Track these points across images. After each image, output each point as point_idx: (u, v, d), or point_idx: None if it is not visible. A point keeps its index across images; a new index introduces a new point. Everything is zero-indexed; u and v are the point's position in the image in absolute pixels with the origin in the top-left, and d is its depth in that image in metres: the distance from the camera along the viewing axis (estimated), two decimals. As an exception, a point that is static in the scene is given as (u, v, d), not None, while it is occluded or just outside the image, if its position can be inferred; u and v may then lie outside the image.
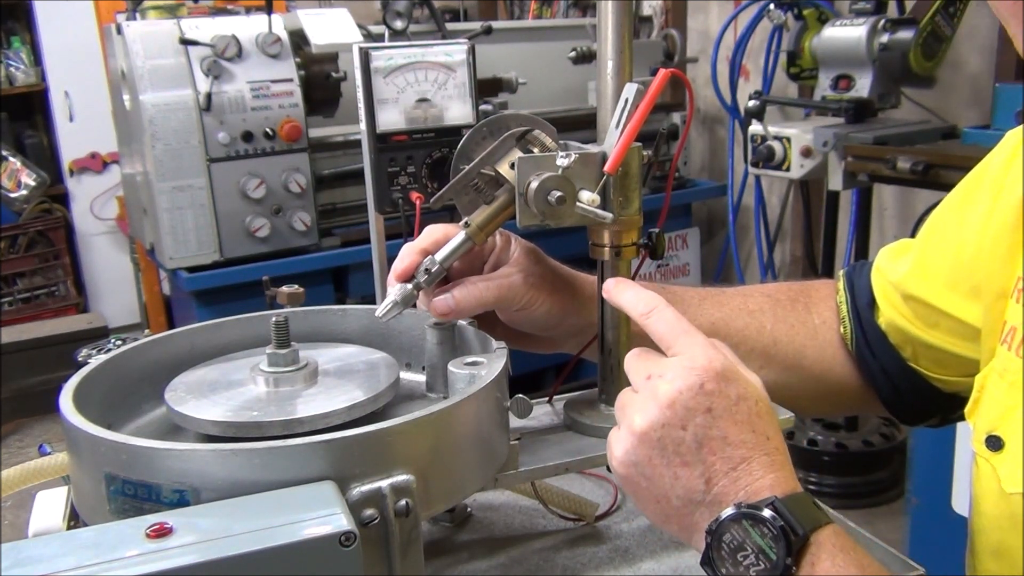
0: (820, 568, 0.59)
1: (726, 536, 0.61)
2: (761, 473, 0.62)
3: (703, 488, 0.63)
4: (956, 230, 0.84)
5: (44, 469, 0.81)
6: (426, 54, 1.70)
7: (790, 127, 2.68)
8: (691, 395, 0.62)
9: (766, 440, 0.63)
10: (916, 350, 0.88)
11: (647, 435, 0.63)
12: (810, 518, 0.60)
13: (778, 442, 0.64)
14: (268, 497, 0.59)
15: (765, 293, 0.96)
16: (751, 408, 0.64)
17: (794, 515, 0.60)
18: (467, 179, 0.80)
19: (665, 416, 0.63)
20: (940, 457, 2.05)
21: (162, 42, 2.50)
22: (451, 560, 0.86)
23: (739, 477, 0.62)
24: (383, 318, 0.81)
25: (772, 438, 0.64)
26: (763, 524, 0.60)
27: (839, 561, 0.59)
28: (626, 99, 0.75)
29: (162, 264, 2.69)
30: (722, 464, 0.62)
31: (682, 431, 0.63)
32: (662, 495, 0.64)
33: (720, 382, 0.63)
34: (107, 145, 4.19)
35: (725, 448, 0.62)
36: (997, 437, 0.70)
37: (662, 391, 0.63)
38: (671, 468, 0.63)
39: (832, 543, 0.60)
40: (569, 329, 0.89)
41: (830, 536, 0.60)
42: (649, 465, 0.64)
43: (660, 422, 0.63)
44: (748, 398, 0.64)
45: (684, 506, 0.64)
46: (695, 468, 0.63)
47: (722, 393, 0.63)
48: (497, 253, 0.87)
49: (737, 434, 0.63)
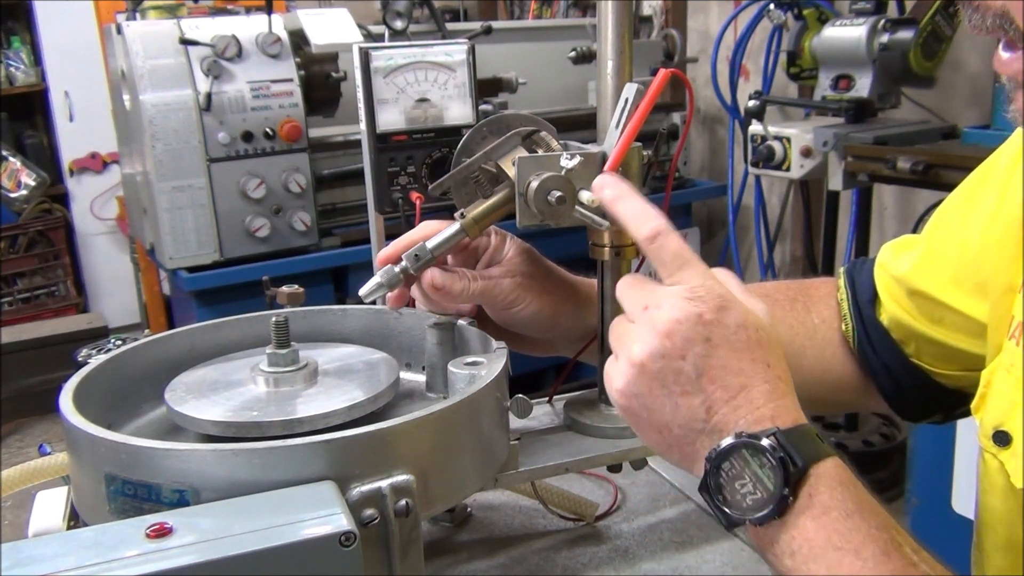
0: (817, 500, 0.59)
1: (725, 464, 0.61)
2: (762, 401, 0.62)
3: (703, 417, 0.62)
4: (962, 226, 0.84)
5: (44, 469, 0.81)
6: (426, 54, 1.69)
7: (790, 127, 2.68)
8: (689, 325, 0.62)
9: (766, 368, 0.63)
10: (919, 346, 0.88)
11: (646, 366, 0.63)
12: (811, 450, 0.60)
13: (780, 370, 0.64)
14: (268, 497, 0.59)
15: (763, 293, 0.96)
16: (750, 336, 0.63)
17: (794, 446, 0.59)
18: (468, 171, 0.80)
19: (664, 347, 0.62)
20: (940, 457, 2.05)
21: (162, 42, 2.50)
22: (451, 560, 0.86)
23: (739, 405, 0.62)
24: (367, 298, 0.81)
25: (773, 366, 0.63)
26: (762, 454, 0.59)
27: (837, 494, 0.59)
28: (626, 99, 0.75)
29: (162, 264, 2.69)
30: (722, 392, 0.62)
31: (681, 361, 0.62)
32: (663, 424, 0.64)
33: (718, 311, 0.62)
34: (107, 145, 4.19)
35: (725, 376, 0.62)
36: (1005, 432, 0.70)
37: (660, 322, 0.62)
38: (672, 398, 0.63)
39: (832, 476, 0.60)
40: (563, 332, 0.89)
41: (830, 469, 0.60)
42: (650, 395, 0.64)
43: (659, 352, 0.62)
44: (747, 326, 0.63)
45: (685, 435, 0.63)
46: (695, 397, 0.62)
47: (720, 322, 0.62)
48: (491, 252, 0.87)
49: (736, 362, 0.62)
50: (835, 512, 0.59)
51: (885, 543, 0.58)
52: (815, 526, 0.59)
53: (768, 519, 0.60)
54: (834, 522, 0.58)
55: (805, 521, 0.59)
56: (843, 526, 0.58)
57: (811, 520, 0.59)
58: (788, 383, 0.64)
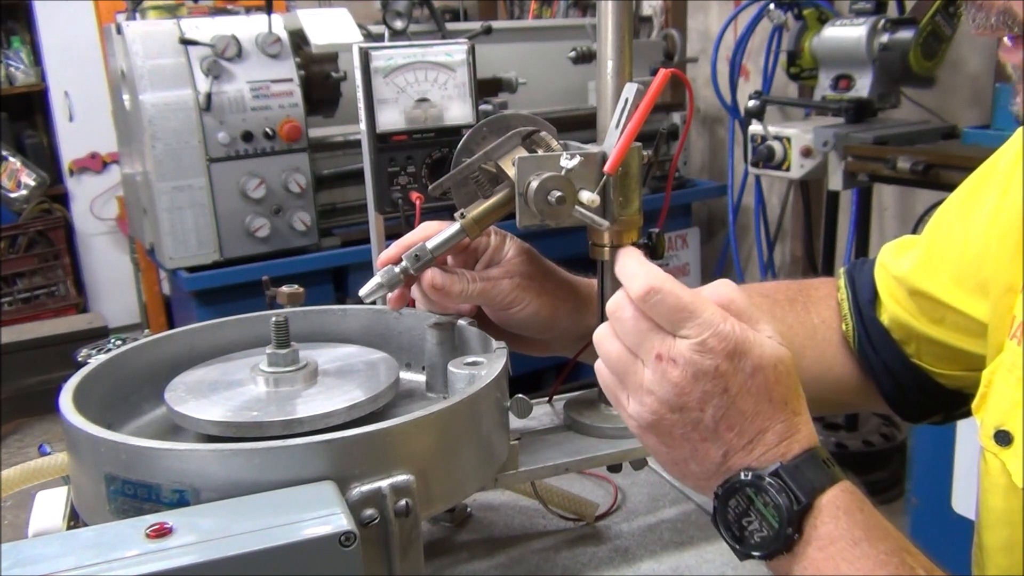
0: (824, 531, 0.59)
1: (731, 502, 0.62)
2: (775, 441, 0.62)
3: (720, 460, 0.63)
4: (963, 226, 0.84)
5: (44, 469, 0.81)
6: (426, 54, 1.69)
7: (790, 127, 2.68)
8: (707, 380, 0.62)
9: (784, 406, 0.63)
10: (919, 346, 0.88)
11: (665, 418, 0.63)
12: (817, 479, 0.60)
13: (796, 405, 0.64)
14: (268, 497, 0.59)
15: (763, 293, 0.96)
16: (767, 377, 0.63)
17: (797, 481, 0.60)
18: (468, 171, 0.80)
19: (682, 402, 0.63)
20: (940, 457, 2.05)
21: (162, 42, 2.50)
22: (451, 560, 0.86)
23: (754, 448, 0.63)
24: (367, 298, 0.81)
25: (790, 402, 0.64)
26: (765, 494, 0.60)
27: (843, 523, 0.60)
28: (626, 99, 0.75)
29: (162, 264, 2.69)
30: (739, 439, 0.63)
31: (700, 413, 0.63)
32: (681, 460, 0.65)
33: (733, 359, 0.62)
34: (107, 145, 4.18)
35: (743, 423, 0.62)
36: (1006, 432, 0.70)
37: (676, 379, 0.62)
38: (690, 443, 0.64)
39: (838, 505, 0.60)
40: (562, 333, 0.89)
41: (834, 499, 0.60)
42: (668, 437, 0.64)
43: (678, 406, 0.63)
44: (764, 367, 0.63)
45: (701, 473, 0.65)
46: (714, 444, 0.63)
47: (737, 370, 0.62)
48: (491, 253, 0.87)
49: (754, 407, 0.62)
50: (842, 542, 0.59)
51: (896, 567, 0.58)
52: (823, 556, 0.59)
53: (776, 555, 0.61)
54: (841, 551, 0.59)
55: (812, 552, 0.60)
56: (851, 554, 0.59)
57: (818, 551, 0.59)
58: (804, 416, 0.64)
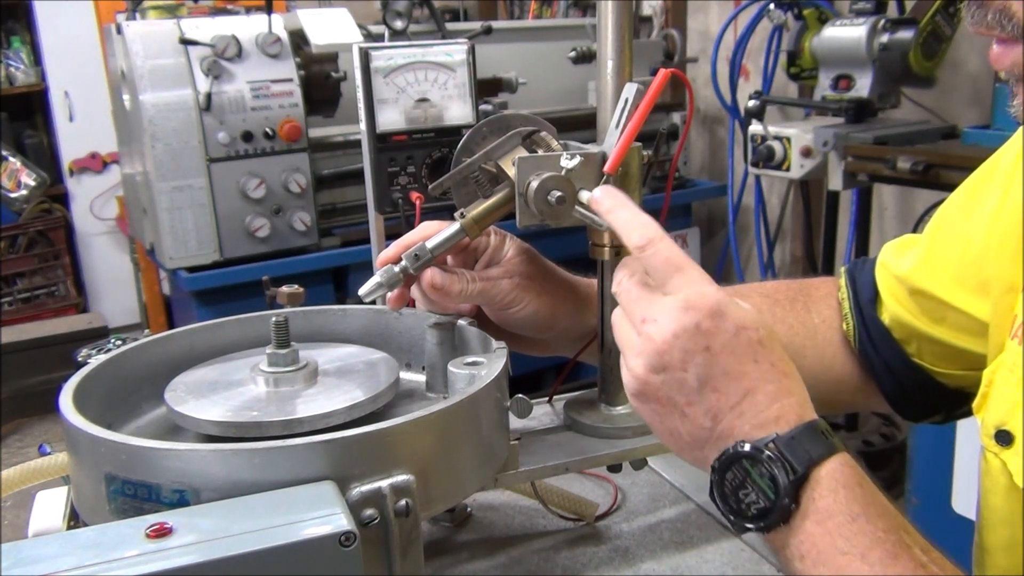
0: (821, 504, 0.59)
1: (728, 474, 0.62)
2: (766, 403, 0.62)
3: (709, 425, 0.63)
4: (964, 225, 0.84)
5: (44, 469, 0.81)
6: (426, 54, 1.69)
7: (790, 127, 2.68)
8: (687, 337, 0.62)
9: (771, 367, 0.63)
10: (920, 345, 0.88)
11: (649, 381, 0.64)
12: (815, 449, 0.60)
13: (784, 366, 0.64)
14: (268, 497, 0.59)
15: (763, 293, 0.96)
16: (751, 337, 0.63)
17: (794, 452, 0.60)
18: (468, 170, 0.80)
19: (664, 361, 0.63)
20: (940, 457, 2.05)
21: (162, 42, 2.50)
22: (451, 560, 0.86)
23: (744, 411, 0.62)
24: (367, 298, 0.81)
25: (777, 363, 0.63)
26: (761, 464, 0.60)
27: (841, 497, 0.59)
28: (626, 99, 0.75)
29: (162, 264, 2.69)
30: (725, 400, 0.62)
31: (683, 373, 0.62)
32: (674, 429, 0.65)
33: (715, 318, 0.62)
34: (107, 145, 4.18)
35: (728, 383, 0.62)
36: (1007, 432, 0.70)
37: (658, 337, 0.63)
38: (678, 408, 0.64)
39: (836, 478, 0.60)
40: (562, 332, 0.89)
41: (834, 470, 0.60)
42: (658, 404, 0.64)
43: (660, 366, 0.63)
44: (747, 327, 0.63)
45: (694, 441, 0.64)
46: (700, 406, 0.63)
47: (719, 329, 0.62)
48: (490, 252, 0.87)
49: (738, 366, 0.62)
50: (839, 516, 0.59)
51: (893, 545, 0.58)
52: (820, 531, 0.59)
53: (773, 527, 0.60)
54: (839, 527, 0.58)
55: (810, 526, 0.59)
56: (848, 530, 0.58)
57: (816, 525, 0.59)
58: (794, 378, 0.64)
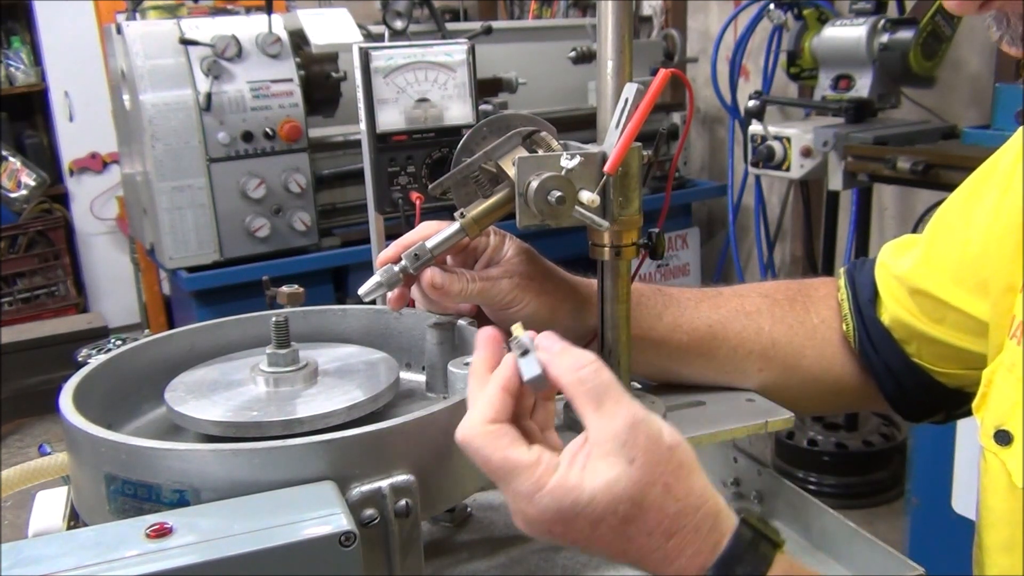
0: None
1: None
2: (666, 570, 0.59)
3: None
4: (963, 225, 0.84)
5: (44, 469, 0.81)
6: (426, 54, 1.69)
7: (790, 127, 2.68)
8: (550, 535, 0.59)
9: (648, 536, 0.58)
10: (920, 345, 0.88)
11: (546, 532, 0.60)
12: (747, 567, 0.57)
13: (667, 523, 0.58)
14: (268, 497, 0.59)
15: (763, 293, 0.96)
16: (610, 526, 0.58)
17: None
18: (468, 170, 0.80)
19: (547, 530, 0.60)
20: (940, 457, 2.05)
21: (162, 42, 2.50)
22: (451, 560, 0.86)
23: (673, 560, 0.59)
24: (366, 297, 0.81)
25: (653, 531, 0.58)
26: None
27: None
28: (626, 99, 0.75)
29: (162, 264, 2.69)
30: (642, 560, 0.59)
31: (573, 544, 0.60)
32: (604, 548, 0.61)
33: (565, 523, 0.58)
34: (107, 145, 4.19)
35: (617, 558, 0.60)
36: (1006, 432, 0.70)
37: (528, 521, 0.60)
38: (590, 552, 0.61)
39: None
40: (562, 333, 0.88)
41: None
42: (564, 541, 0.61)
43: (546, 531, 0.60)
44: (603, 519, 0.58)
45: None
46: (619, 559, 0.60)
47: (572, 530, 0.59)
48: (490, 252, 0.87)
49: (611, 552, 0.59)
50: None
51: None
52: None
53: None
54: None
55: None
56: None
57: None
58: (684, 515, 0.58)
